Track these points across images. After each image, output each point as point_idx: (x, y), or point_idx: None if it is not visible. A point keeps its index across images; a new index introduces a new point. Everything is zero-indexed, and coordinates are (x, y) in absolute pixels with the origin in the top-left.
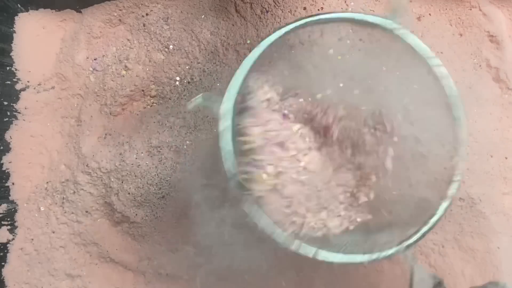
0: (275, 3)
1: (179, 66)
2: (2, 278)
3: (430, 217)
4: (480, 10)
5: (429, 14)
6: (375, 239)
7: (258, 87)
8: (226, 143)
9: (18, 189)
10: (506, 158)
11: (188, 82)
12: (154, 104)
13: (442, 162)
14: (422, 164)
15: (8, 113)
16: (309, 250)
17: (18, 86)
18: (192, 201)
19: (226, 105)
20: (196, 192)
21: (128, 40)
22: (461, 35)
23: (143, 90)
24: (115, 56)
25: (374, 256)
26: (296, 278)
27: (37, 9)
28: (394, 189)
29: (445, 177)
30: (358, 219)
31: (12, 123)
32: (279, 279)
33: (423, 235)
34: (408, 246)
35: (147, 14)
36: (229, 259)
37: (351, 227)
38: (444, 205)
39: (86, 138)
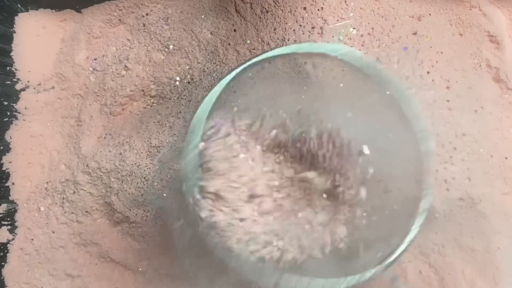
0: (275, 3)
1: (179, 66)
2: (2, 278)
3: (406, 235)
4: (480, 10)
5: (429, 14)
6: (356, 262)
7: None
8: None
9: (18, 189)
10: (506, 158)
11: (188, 82)
12: (154, 104)
13: (411, 182)
14: (393, 189)
15: (8, 113)
16: (287, 283)
17: (18, 86)
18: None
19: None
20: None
21: (128, 40)
22: (461, 35)
23: (143, 90)
24: (115, 56)
25: (356, 278)
26: None
27: (37, 9)
28: (369, 214)
29: (416, 194)
30: (336, 243)
31: (12, 123)
32: None
33: (401, 253)
34: (389, 265)
35: (147, 14)
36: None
37: (328, 250)
38: (419, 220)
39: (86, 138)
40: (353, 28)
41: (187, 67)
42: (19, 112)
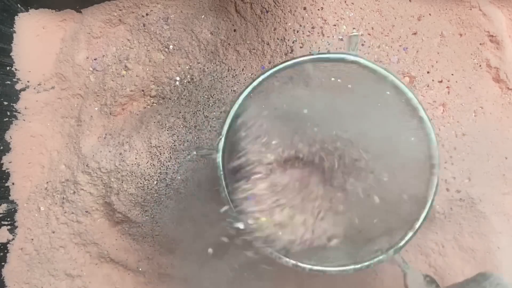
0: (275, 3)
1: (179, 66)
2: (2, 278)
3: (414, 222)
4: (480, 10)
5: (429, 14)
6: (365, 249)
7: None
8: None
9: (18, 189)
10: (506, 158)
11: (188, 82)
12: (154, 104)
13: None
14: (402, 176)
15: (8, 113)
16: (305, 266)
17: (18, 86)
18: (192, 202)
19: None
20: (196, 192)
21: (128, 40)
22: (461, 35)
23: (143, 90)
24: (115, 56)
25: (365, 264)
26: None
27: (37, 9)
28: (380, 201)
29: (425, 182)
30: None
31: (12, 123)
32: None
33: (409, 240)
34: (396, 251)
35: (147, 14)
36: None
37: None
38: (427, 208)
39: (86, 138)
40: (353, 28)
41: (187, 67)
42: (19, 112)
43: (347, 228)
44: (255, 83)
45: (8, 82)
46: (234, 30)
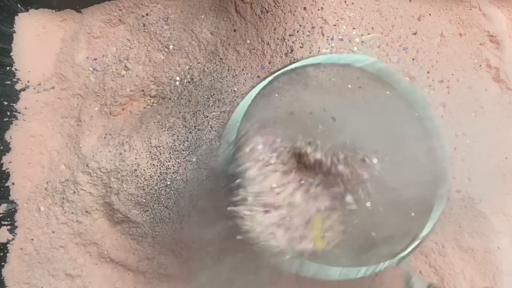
0: (275, 3)
1: (179, 66)
2: (2, 278)
3: (421, 230)
4: (480, 10)
5: (429, 14)
6: (370, 254)
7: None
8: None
9: (18, 189)
10: (506, 158)
11: (188, 82)
12: (154, 104)
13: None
14: (408, 181)
15: (8, 113)
16: (308, 270)
17: (18, 86)
18: (192, 202)
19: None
20: (196, 192)
21: (128, 40)
22: (461, 35)
23: (143, 90)
24: (115, 56)
25: (370, 270)
26: None
27: (37, 9)
28: (385, 208)
29: (431, 195)
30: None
31: (12, 123)
32: None
33: (415, 248)
34: (401, 259)
35: (147, 14)
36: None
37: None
38: (433, 218)
39: (86, 138)
40: (353, 28)
41: (187, 67)
42: (19, 112)
43: (351, 232)
44: (265, 82)
45: (8, 82)
46: (234, 30)
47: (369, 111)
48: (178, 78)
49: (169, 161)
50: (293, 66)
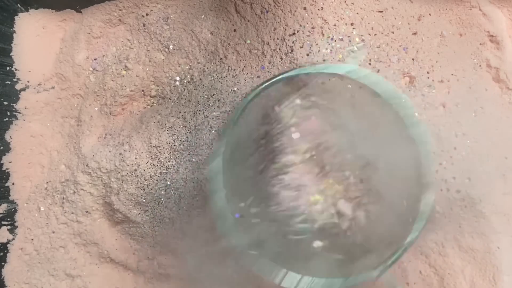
0: (275, 3)
1: (179, 66)
2: (2, 278)
3: (404, 240)
4: (480, 10)
5: (429, 14)
6: (354, 264)
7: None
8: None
9: (18, 189)
10: (506, 158)
11: (188, 82)
12: (154, 104)
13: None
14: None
15: (8, 113)
16: (291, 280)
17: (18, 86)
18: (192, 202)
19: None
20: (196, 192)
21: (128, 40)
22: (461, 35)
23: (143, 90)
24: (115, 56)
25: (353, 280)
26: None
27: (37, 9)
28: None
29: (416, 202)
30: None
31: (12, 123)
32: None
33: (398, 258)
34: (384, 269)
35: (147, 14)
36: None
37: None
38: (417, 227)
39: (86, 138)
40: (353, 28)
41: (187, 67)
42: (19, 112)
43: (337, 241)
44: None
45: (8, 82)
46: (234, 30)
47: (357, 119)
48: (178, 78)
49: (169, 161)
50: (287, 74)
